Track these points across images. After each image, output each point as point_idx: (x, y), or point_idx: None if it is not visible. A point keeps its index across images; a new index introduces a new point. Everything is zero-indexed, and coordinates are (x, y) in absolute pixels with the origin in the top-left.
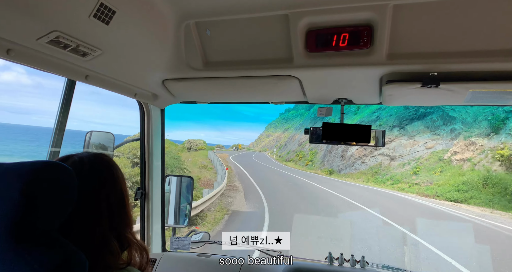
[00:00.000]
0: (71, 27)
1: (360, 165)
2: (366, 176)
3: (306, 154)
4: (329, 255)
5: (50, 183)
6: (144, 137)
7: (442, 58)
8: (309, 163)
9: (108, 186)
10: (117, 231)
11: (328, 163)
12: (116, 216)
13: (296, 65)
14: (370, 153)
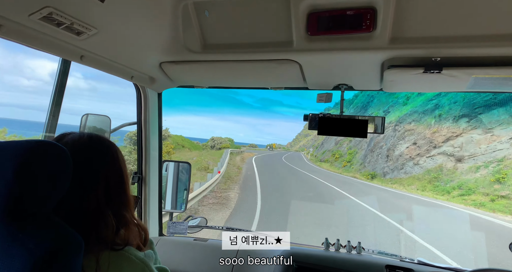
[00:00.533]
0: (64, 3)
1: (412, 168)
2: (421, 182)
3: (343, 154)
4: (325, 240)
5: (43, 163)
6: (141, 121)
7: (446, 42)
8: (347, 164)
9: (107, 162)
10: (114, 209)
11: (370, 165)
12: (113, 193)
13: (296, 49)
14: (426, 152)
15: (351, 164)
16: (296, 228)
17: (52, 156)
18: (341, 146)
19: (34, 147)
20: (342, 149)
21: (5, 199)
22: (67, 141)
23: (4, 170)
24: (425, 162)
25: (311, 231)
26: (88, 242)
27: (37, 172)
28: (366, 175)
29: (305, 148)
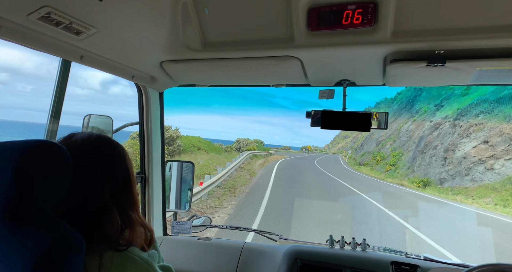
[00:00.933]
0: (62, 2)
1: (484, 174)
2: (499, 194)
3: (386, 156)
4: (330, 238)
5: (42, 162)
6: (142, 121)
7: (449, 34)
8: (391, 168)
9: (114, 161)
10: (120, 208)
11: (421, 169)
12: (120, 192)
13: (297, 45)
14: (505, 153)
15: (396, 168)
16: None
17: (51, 155)
18: (383, 147)
19: (32, 147)
20: (384, 150)
21: (4, 199)
22: (76, 139)
23: (3, 170)
24: (504, 166)
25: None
26: (92, 240)
27: (36, 171)
28: (417, 182)
29: (343, 150)
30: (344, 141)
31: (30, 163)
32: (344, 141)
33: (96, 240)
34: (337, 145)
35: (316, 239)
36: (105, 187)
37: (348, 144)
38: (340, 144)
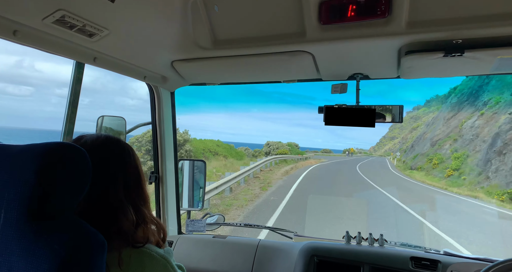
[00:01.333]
0: (76, 5)
1: None
2: None
3: (445, 159)
4: (346, 234)
5: (63, 164)
6: (155, 120)
7: (467, 23)
8: (453, 174)
9: (124, 159)
10: (132, 202)
11: (499, 175)
12: (132, 189)
13: (309, 40)
14: None
15: (461, 174)
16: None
17: (71, 156)
18: (440, 148)
19: (53, 148)
20: (442, 151)
21: (28, 200)
22: (85, 141)
23: (26, 172)
24: None
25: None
26: (110, 237)
27: (57, 173)
28: (498, 193)
29: (391, 152)
30: (391, 142)
31: (52, 165)
32: (391, 142)
33: (114, 237)
34: (384, 146)
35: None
36: (118, 185)
37: (395, 145)
38: (387, 145)
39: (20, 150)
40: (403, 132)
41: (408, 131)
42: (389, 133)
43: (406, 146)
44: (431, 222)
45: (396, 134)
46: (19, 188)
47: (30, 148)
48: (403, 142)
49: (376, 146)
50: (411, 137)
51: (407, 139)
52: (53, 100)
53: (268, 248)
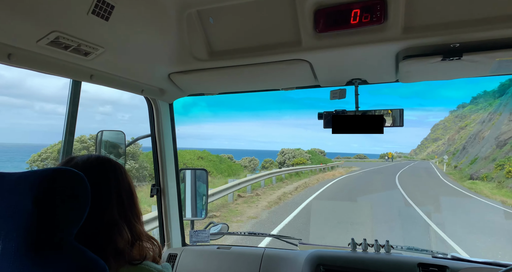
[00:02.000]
0: (70, 26)
1: None
2: None
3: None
4: (351, 241)
5: (62, 191)
6: (154, 133)
7: (464, 27)
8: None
9: (117, 178)
10: (126, 220)
11: None
12: (126, 206)
13: (305, 48)
14: None
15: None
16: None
17: (69, 182)
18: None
19: (51, 175)
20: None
21: (26, 231)
22: (76, 162)
23: (23, 201)
24: None
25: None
26: (107, 257)
27: (56, 201)
28: None
29: (435, 155)
30: (434, 144)
31: (49, 193)
32: (435, 144)
33: (110, 257)
34: (426, 149)
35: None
36: (112, 204)
37: (439, 147)
38: (430, 148)
39: (18, 178)
40: (448, 133)
41: (454, 131)
42: (432, 134)
43: (454, 147)
44: None
45: (440, 136)
46: (17, 218)
47: (27, 175)
48: (450, 143)
49: (417, 149)
50: (459, 137)
51: (454, 140)
52: (97, 117)
53: (273, 258)
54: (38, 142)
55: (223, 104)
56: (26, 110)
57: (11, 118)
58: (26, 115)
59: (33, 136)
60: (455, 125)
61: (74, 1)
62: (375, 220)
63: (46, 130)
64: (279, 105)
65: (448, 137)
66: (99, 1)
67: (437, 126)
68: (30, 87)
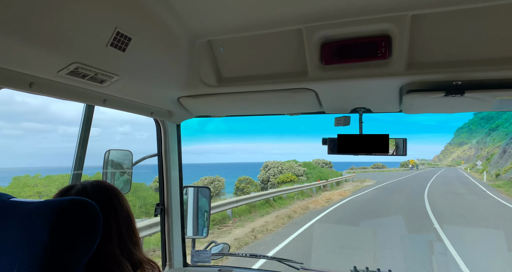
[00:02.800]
0: (89, 57)
1: None
2: None
3: None
4: (354, 269)
5: (76, 222)
6: (161, 152)
7: (466, 66)
8: None
9: (114, 207)
10: (126, 250)
11: None
12: (125, 235)
13: (311, 78)
14: None
15: None
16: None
17: (84, 214)
18: None
19: (66, 207)
20: None
21: (40, 260)
22: (71, 193)
23: (39, 232)
24: None
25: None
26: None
27: (70, 233)
28: None
29: (461, 160)
30: (460, 149)
31: (65, 224)
32: (460, 149)
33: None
34: (451, 155)
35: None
36: (113, 234)
37: (466, 152)
38: (455, 153)
39: (34, 208)
40: (474, 136)
41: (481, 135)
42: (456, 139)
43: (487, 151)
44: None
45: (465, 140)
46: (32, 248)
47: (42, 205)
48: (481, 147)
49: (440, 155)
50: (491, 140)
51: (485, 143)
52: (117, 138)
53: None
54: (63, 164)
55: (238, 119)
56: (51, 134)
57: (37, 143)
58: (50, 139)
59: (58, 159)
60: (482, 128)
61: (95, 35)
62: None
63: (69, 153)
64: (295, 118)
65: (478, 139)
66: (117, 34)
67: (461, 130)
68: (53, 113)
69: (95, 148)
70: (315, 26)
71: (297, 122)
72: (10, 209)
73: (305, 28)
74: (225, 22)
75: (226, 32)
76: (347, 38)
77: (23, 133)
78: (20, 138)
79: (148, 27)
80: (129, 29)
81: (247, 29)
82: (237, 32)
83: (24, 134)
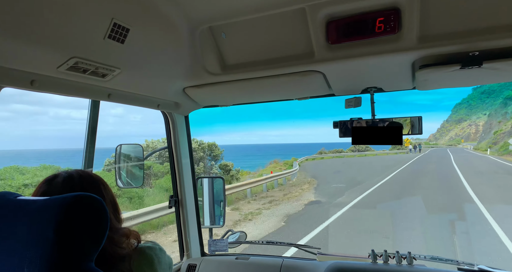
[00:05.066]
0: (88, 51)
1: None
2: None
3: None
4: (372, 252)
5: (84, 218)
6: (171, 145)
7: (483, 34)
8: None
9: (101, 193)
10: (116, 229)
11: None
12: (112, 218)
13: (318, 60)
14: None
15: None
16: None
17: (89, 210)
18: None
19: (72, 203)
20: None
21: (49, 258)
22: (58, 181)
23: (45, 230)
24: None
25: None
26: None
27: (77, 229)
28: None
29: (461, 138)
30: (459, 126)
31: (70, 221)
32: (459, 127)
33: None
34: (448, 133)
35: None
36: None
37: (465, 129)
38: (453, 131)
39: (40, 206)
40: (473, 112)
41: (483, 111)
42: (454, 115)
43: (500, 128)
44: None
45: (464, 116)
46: (41, 246)
47: (49, 203)
48: (498, 120)
49: (437, 133)
50: (504, 115)
51: (505, 115)
52: (110, 120)
53: (291, 269)
54: (56, 147)
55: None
56: (43, 117)
57: (30, 125)
58: (42, 121)
59: (51, 141)
60: (482, 103)
61: (91, 28)
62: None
63: (62, 135)
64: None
65: (490, 112)
66: (114, 25)
67: (460, 106)
68: (43, 94)
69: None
70: (318, 3)
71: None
72: (18, 208)
73: (308, 6)
74: (225, 6)
75: (226, 16)
76: (353, 15)
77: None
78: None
79: (145, 17)
80: (126, 20)
81: (248, 12)
82: (238, 16)
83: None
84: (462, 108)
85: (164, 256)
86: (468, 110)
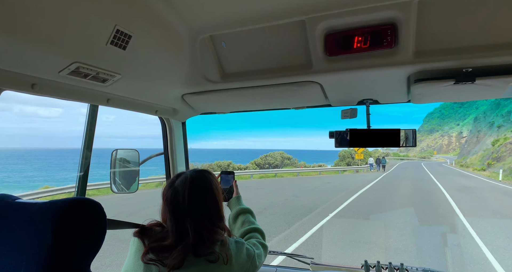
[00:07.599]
0: (90, 56)
1: None
2: None
3: None
4: (365, 263)
5: (81, 221)
6: (167, 150)
7: (476, 52)
8: None
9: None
10: (213, 222)
11: None
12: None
13: (316, 71)
14: None
15: None
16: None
17: (88, 214)
18: None
19: (70, 207)
20: None
21: (46, 261)
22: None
23: (44, 233)
24: None
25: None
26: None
27: (75, 233)
28: None
29: (433, 150)
30: (430, 136)
31: (69, 224)
32: (430, 137)
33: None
34: (419, 143)
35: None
36: (202, 212)
37: (437, 140)
38: (425, 141)
39: (39, 209)
40: (445, 122)
41: (456, 122)
42: (425, 125)
43: (505, 137)
44: None
45: (436, 126)
46: (38, 249)
47: (47, 206)
48: (478, 132)
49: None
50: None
51: (476, 134)
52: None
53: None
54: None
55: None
56: (6, 113)
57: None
58: (5, 118)
59: (15, 140)
60: (455, 113)
61: (94, 33)
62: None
63: (27, 133)
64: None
65: (449, 128)
66: (117, 32)
67: (432, 115)
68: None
69: (56, 131)
70: (318, 16)
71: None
72: (16, 211)
73: (308, 19)
74: (226, 16)
75: (227, 26)
76: (351, 28)
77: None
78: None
79: (148, 24)
80: (129, 27)
81: (248, 22)
82: (239, 26)
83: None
84: (435, 118)
85: (244, 249)
86: (440, 120)
